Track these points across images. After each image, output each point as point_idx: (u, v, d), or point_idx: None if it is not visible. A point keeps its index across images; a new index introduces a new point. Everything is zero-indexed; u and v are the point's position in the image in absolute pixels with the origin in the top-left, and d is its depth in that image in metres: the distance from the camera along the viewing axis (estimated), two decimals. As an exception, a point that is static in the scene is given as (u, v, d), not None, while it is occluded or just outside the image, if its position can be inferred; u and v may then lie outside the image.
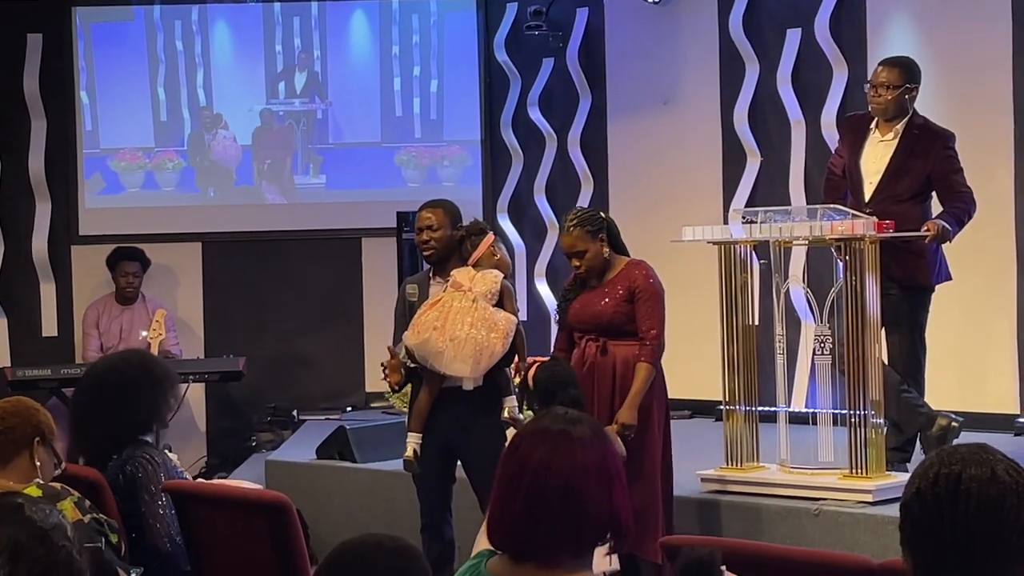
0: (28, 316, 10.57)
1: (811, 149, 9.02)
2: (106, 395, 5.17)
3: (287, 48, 10.93)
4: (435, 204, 6.45)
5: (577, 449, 2.83)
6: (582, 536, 2.81)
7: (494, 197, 10.80)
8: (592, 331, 6.13)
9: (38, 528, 2.15)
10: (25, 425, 4.19)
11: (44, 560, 2.13)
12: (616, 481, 2.85)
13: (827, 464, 6.41)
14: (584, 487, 2.80)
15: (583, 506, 2.79)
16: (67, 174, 10.72)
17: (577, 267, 6.15)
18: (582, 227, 6.10)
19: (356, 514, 7.62)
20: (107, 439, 5.16)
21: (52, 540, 2.16)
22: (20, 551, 2.11)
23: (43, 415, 4.27)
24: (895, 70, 6.79)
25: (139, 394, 5.16)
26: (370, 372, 10.45)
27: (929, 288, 6.74)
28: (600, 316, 6.09)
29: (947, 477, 2.45)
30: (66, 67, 10.69)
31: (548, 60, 10.55)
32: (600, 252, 6.10)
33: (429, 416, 6.22)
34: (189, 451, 10.19)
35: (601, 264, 6.13)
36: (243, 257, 10.81)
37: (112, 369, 5.30)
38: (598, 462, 2.83)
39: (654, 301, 6.06)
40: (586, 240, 6.08)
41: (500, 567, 2.88)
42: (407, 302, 6.38)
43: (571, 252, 6.14)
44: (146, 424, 5.19)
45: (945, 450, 2.51)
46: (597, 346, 6.09)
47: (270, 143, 10.94)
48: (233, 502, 4.98)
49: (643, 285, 6.06)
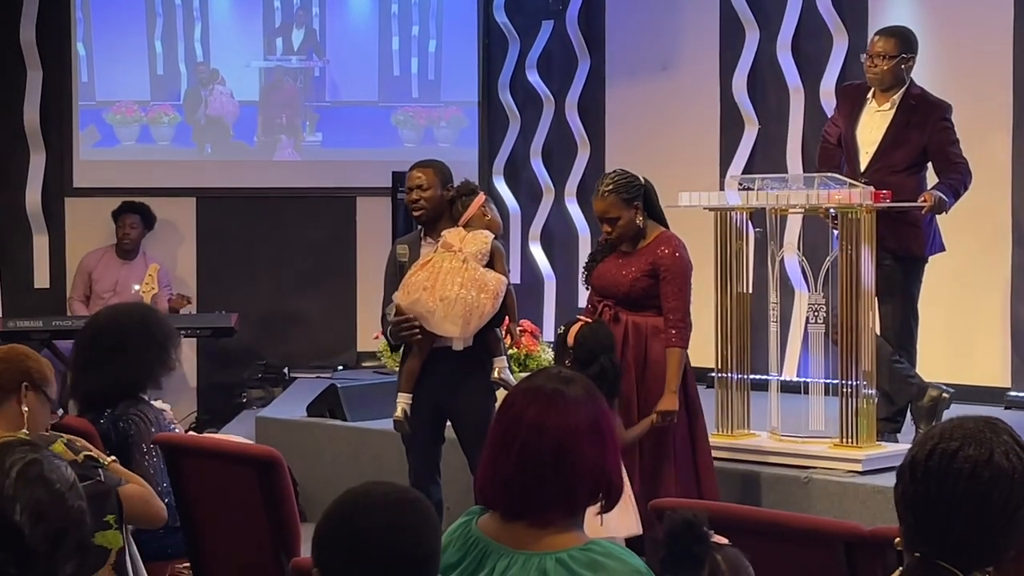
0: (20, 268, 10.54)
1: (809, 118, 9.00)
2: (105, 347, 5.17)
3: (286, 4, 10.87)
4: (425, 164, 6.41)
5: (571, 408, 2.82)
6: (574, 495, 2.80)
7: (490, 159, 10.78)
8: (609, 297, 6.03)
9: (57, 489, 2.16)
10: (13, 371, 4.17)
11: (62, 520, 2.15)
12: (608, 441, 2.84)
13: (818, 433, 6.42)
14: (577, 446, 2.79)
15: (575, 465, 2.78)
16: (62, 126, 10.67)
17: (608, 232, 6.00)
18: (616, 194, 5.94)
19: (345, 472, 7.62)
20: (103, 390, 5.16)
21: (68, 501, 2.18)
22: (42, 512, 2.13)
23: (33, 361, 4.25)
24: (891, 40, 6.78)
25: (138, 352, 5.16)
26: (362, 331, 10.45)
27: (922, 259, 6.75)
28: (618, 286, 5.99)
29: (943, 453, 2.43)
30: (63, 18, 10.63)
31: (548, 23, 10.51)
32: (633, 220, 5.95)
33: (419, 376, 6.22)
34: (180, 406, 10.17)
35: (634, 232, 5.98)
36: (237, 213, 10.78)
37: (112, 322, 5.29)
38: (591, 422, 2.82)
39: (681, 280, 5.92)
40: (619, 207, 5.93)
41: (490, 525, 2.87)
42: (397, 262, 6.36)
43: (603, 217, 5.98)
44: (142, 382, 5.19)
45: (952, 422, 2.49)
46: (611, 313, 5.98)
47: (267, 100, 10.90)
48: (224, 456, 4.99)
49: (669, 262, 5.92)
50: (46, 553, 2.11)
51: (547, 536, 2.80)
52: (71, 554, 2.19)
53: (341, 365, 10.48)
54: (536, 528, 2.80)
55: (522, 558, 2.79)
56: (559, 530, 2.80)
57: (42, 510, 2.14)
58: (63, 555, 2.16)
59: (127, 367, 5.15)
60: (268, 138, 10.89)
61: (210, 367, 10.62)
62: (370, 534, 2.48)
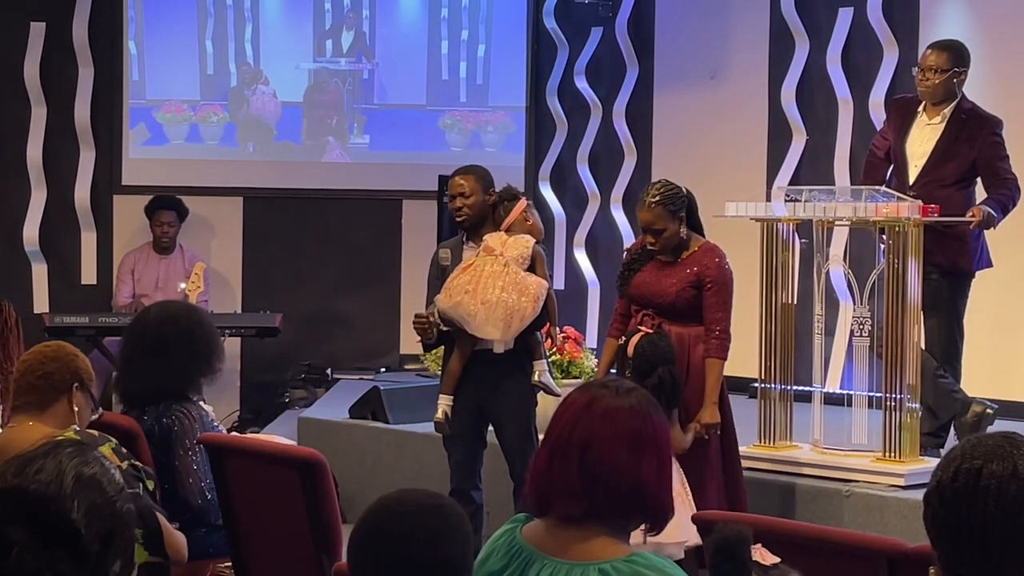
0: (68, 263, 10.61)
1: (858, 129, 8.97)
2: (150, 348, 5.20)
3: (336, 6, 10.92)
4: (467, 170, 6.44)
5: (609, 416, 2.81)
6: (612, 505, 2.78)
7: (536, 165, 10.79)
8: (651, 307, 6.02)
9: (108, 492, 2.20)
10: (64, 371, 4.22)
11: (112, 521, 2.18)
12: (651, 455, 2.81)
13: (860, 446, 6.40)
14: (609, 455, 2.77)
15: (607, 474, 2.77)
16: (112, 123, 10.74)
17: (652, 244, 6.00)
18: (663, 205, 5.93)
19: (387, 475, 7.64)
20: (147, 390, 5.19)
21: (118, 504, 2.21)
22: (96, 512, 2.16)
23: (82, 361, 4.29)
24: (944, 54, 6.75)
25: (181, 358, 5.19)
26: (405, 333, 10.46)
27: (970, 274, 6.72)
28: (663, 295, 5.98)
29: (967, 472, 2.42)
30: (116, 16, 10.70)
31: (597, 29, 10.52)
32: (677, 232, 5.97)
33: (460, 379, 6.25)
34: (222, 405, 10.21)
35: (676, 243, 5.99)
36: (284, 213, 10.83)
37: (160, 324, 5.30)
38: (631, 433, 2.80)
39: (724, 292, 5.93)
40: (666, 219, 5.93)
41: (534, 533, 2.88)
42: (440, 266, 6.40)
43: (649, 228, 5.97)
44: (190, 383, 5.22)
45: (970, 441, 2.49)
46: (653, 324, 5.95)
47: (315, 101, 10.94)
48: (268, 456, 5.01)
49: (714, 275, 5.93)
50: (97, 553, 2.14)
51: (590, 546, 2.79)
52: (118, 555, 2.23)
53: (384, 367, 10.50)
54: (579, 537, 2.80)
55: (565, 567, 2.79)
56: (603, 541, 2.80)
57: (96, 511, 2.17)
58: (112, 556, 2.19)
59: (170, 371, 5.18)
60: (316, 139, 10.93)
61: (253, 367, 10.66)
62: (401, 541, 2.51)
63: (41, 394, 4.19)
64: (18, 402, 4.22)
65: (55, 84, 10.53)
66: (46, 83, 10.50)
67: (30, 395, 4.19)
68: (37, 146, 10.50)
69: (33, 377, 4.20)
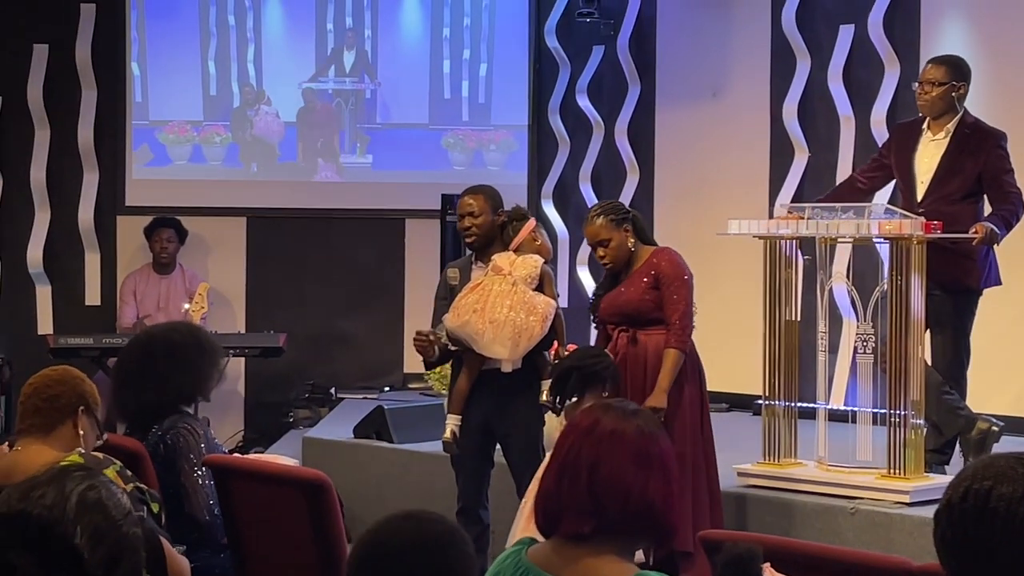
0: (72, 285, 10.62)
1: (860, 146, 8.98)
2: (153, 361, 5.21)
3: (338, 26, 10.94)
4: (476, 190, 6.46)
5: (613, 437, 2.83)
6: (616, 524, 2.80)
7: (539, 183, 10.80)
8: (622, 322, 6.14)
9: (114, 516, 2.20)
10: (70, 394, 4.22)
11: (118, 546, 2.19)
12: (657, 475, 2.83)
13: (865, 463, 6.39)
14: (615, 474, 2.79)
15: (612, 488, 2.79)
16: (115, 144, 10.76)
17: (601, 257, 6.17)
18: (605, 216, 6.13)
19: (392, 494, 7.64)
20: (150, 406, 5.19)
21: (124, 528, 2.22)
22: (101, 537, 2.17)
23: (88, 385, 4.30)
24: (942, 67, 6.77)
25: (186, 363, 5.20)
26: (409, 352, 10.45)
27: (976, 292, 6.70)
28: (627, 305, 6.11)
29: (976, 493, 2.42)
30: (118, 37, 10.73)
31: (598, 47, 10.54)
32: (624, 242, 6.12)
33: (468, 398, 6.25)
34: (227, 425, 10.25)
35: (626, 254, 6.14)
36: (287, 233, 10.85)
37: (161, 336, 5.33)
38: (636, 453, 2.82)
39: (679, 284, 6.05)
40: (609, 229, 6.11)
41: (540, 554, 2.88)
42: (448, 286, 6.42)
43: (595, 241, 6.16)
44: (190, 394, 5.22)
45: (982, 461, 2.49)
46: (628, 336, 6.10)
47: (317, 121, 10.96)
48: (273, 478, 5.01)
49: (667, 270, 6.07)
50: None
51: (598, 564, 2.80)
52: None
53: (388, 386, 10.51)
54: (586, 556, 2.81)
55: (572, 586, 2.81)
56: (610, 559, 2.80)
57: (100, 535, 2.18)
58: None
59: (179, 379, 5.18)
60: (318, 159, 10.95)
61: (258, 387, 10.67)
62: (399, 562, 2.50)
63: (46, 417, 4.19)
64: (23, 425, 4.23)
65: (58, 106, 10.56)
66: (49, 105, 10.54)
67: (35, 418, 4.20)
68: (41, 168, 10.53)
69: (39, 400, 4.20)
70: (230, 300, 10.70)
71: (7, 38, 10.52)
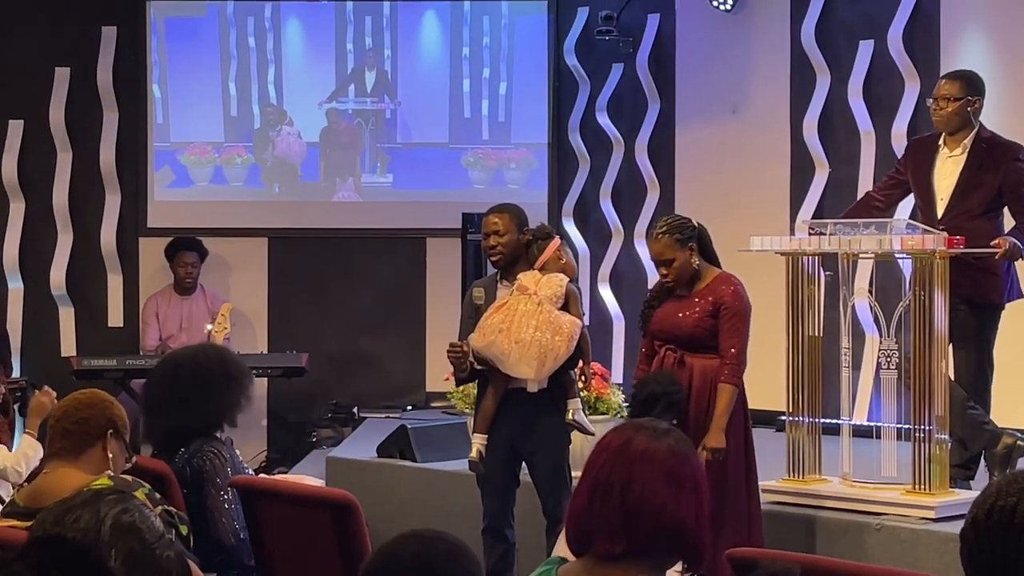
0: (95, 306, 10.67)
1: (880, 161, 8.97)
2: (179, 386, 5.22)
3: (358, 47, 10.98)
4: (502, 209, 6.47)
5: (652, 455, 2.82)
6: (649, 542, 2.80)
7: (559, 201, 10.81)
8: (671, 342, 6.05)
9: (148, 540, 2.22)
10: (99, 417, 4.24)
11: (152, 569, 2.20)
12: (688, 494, 2.83)
13: (890, 479, 6.38)
14: (648, 494, 2.79)
15: (644, 507, 2.79)
16: (137, 166, 10.81)
17: (664, 275, 6.05)
18: (671, 235, 6.00)
19: (416, 514, 7.65)
20: (176, 430, 5.20)
21: (158, 551, 2.23)
22: (135, 560, 2.18)
23: (116, 408, 4.31)
24: (956, 82, 6.77)
25: (212, 389, 5.20)
26: (431, 371, 10.49)
27: (999, 306, 6.70)
28: (681, 328, 6.02)
29: (1001, 510, 2.43)
30: (139, 60, 10.78)
31: (618, 65, 10.55)
32: (688, 262, 6.00)
33: (494, 417, 6.26)
34: (250, 445, 10.26)
35: (689, 274, 6.03)
36: (308, 253, 10.87)
37: (188, 361, 5.34)
38: (671, 471, 2.82)
39: (739, 319, 5.96)
40: (674, 248, 5.99)
41: (572, 574, 2.88)
42: (474, 305, 6.42)
43: (659, 260, 6.05)
44: (218, 420, 5.23)
45: (1007, 478, 2.50)
46: (675, 357, 6.01)
47: (337, 141, 10.99)
48: (299, 499, 5.02)
49: (730, 302, 5.96)
50: (136, 601, 2.16)
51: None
52: None
53: (410, 405, 10.51)
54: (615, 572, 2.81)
55: (603, 606, 2.81)
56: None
57: (135, 559, 2.19)
58: None
59: (208, 404, 5.19)
60: (338, 179, 10.98)
61: (281, 407, 10.69)
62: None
63: (76, 440, 4.21)
64: (52, 448, 4.24)
65: (80, 129, 10.62)
66: (71, 128, 10.60)
67: (65, 441, 4.21)
68: (63, 190, 10.59)
69: (68, 423, 4.22)
70: (252, 320, 10.73)
71: (29, 62, 10.58)
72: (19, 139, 10.59)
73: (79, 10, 10.61)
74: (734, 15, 9.79)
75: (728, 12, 9.76)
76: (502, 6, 10.93)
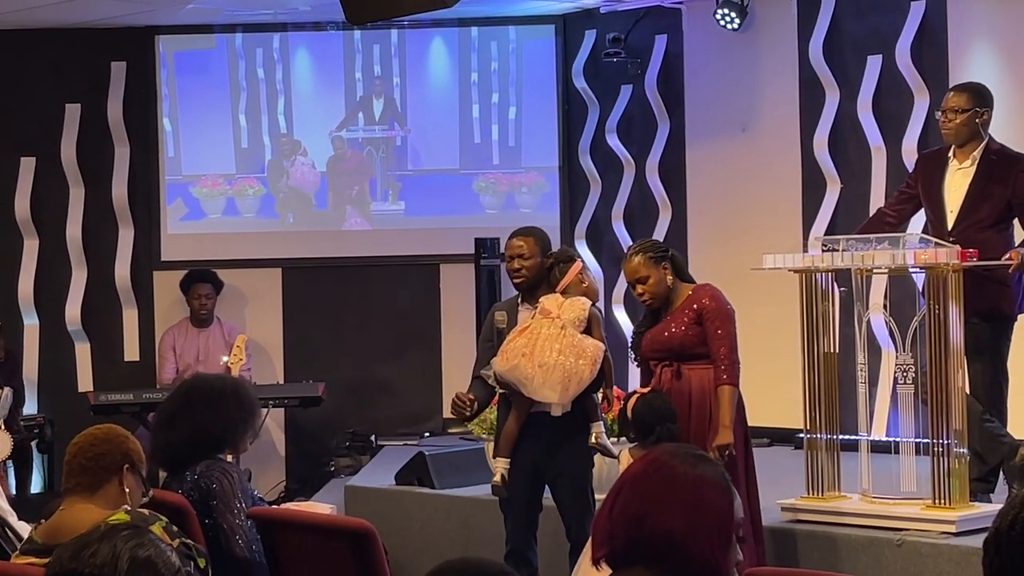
0: (110, 341, 10.69)
1: (892, 176, 8.97)
2: (189, 404, 5.24)
3: (367, 75, 11.01)
4: (526, 232, 6.50)
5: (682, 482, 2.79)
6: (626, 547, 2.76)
7: (572, 224, 10.82)
8: (665, 357, 6.21)
9: (163, 574, 2.22)
10: (115, 452, 4.24)
11: None
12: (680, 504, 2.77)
13: (910, 494, 6.36)
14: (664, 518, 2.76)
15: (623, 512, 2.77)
16: (149, 200, 10.85)
17: (640, 294, 6.24)
18: (643, 254, 6.23)
19: (436, 541, 7.64)
20: (181, 447, 5.20)
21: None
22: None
23: (132, 443, 4.32)
24: (964, 94, 6.78)
25: (220, 409, 5.21)
26: (448, 397, 10.39)
27: (1012, 318, 6.69)
28: (671, 340, 6.17)
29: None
30: (149, 94, 10.82)
31: (627, 87, 10.56)
32: (663, 279, 6.20)
33: (517, 441, 6.26)
34: (268, 475, 10.28)
35: (665, 291, 6.22)
36: (323, 283, 10.88)
37: (204, 382, 5.38)
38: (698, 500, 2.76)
39: (722, 320, 6.13)
40: (648, 266, 6.20)
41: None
42: (495, 328, 6.42)
43: (633, 278, 6.25)
44: (220, 440, 5.22)
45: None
46: (671, 371, 6.17)
47: (348, 170, 11.01)
48: (318, 528, 5.02)
49: (710, 306, 6.14)
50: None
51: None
52: None
53: (428, 432, 10.51)
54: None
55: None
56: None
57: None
58: None
59: (215, 422, 5.19)
60: (351, 208, 11.00)
61: (298, 437, 10.70)
62: None
63: (92, 476, 4.21)
64: (69, 484, 4.24)
65: (92, 164, 10.66)
66: (83, 163, 10.64)
67: (82, 477, 4.21)
68: (76, 225, 10.62)
69: (84, 459, 4.22)
70: (268, 351, 10.74)
71: (39, 98, 10.62)
72: (31, 176, 10.63)
73: (88, 46, 10.65)
74: (741, 34, 9.80)
75: (735, 31, 9.76)
76: (510, 31, 10.96)
